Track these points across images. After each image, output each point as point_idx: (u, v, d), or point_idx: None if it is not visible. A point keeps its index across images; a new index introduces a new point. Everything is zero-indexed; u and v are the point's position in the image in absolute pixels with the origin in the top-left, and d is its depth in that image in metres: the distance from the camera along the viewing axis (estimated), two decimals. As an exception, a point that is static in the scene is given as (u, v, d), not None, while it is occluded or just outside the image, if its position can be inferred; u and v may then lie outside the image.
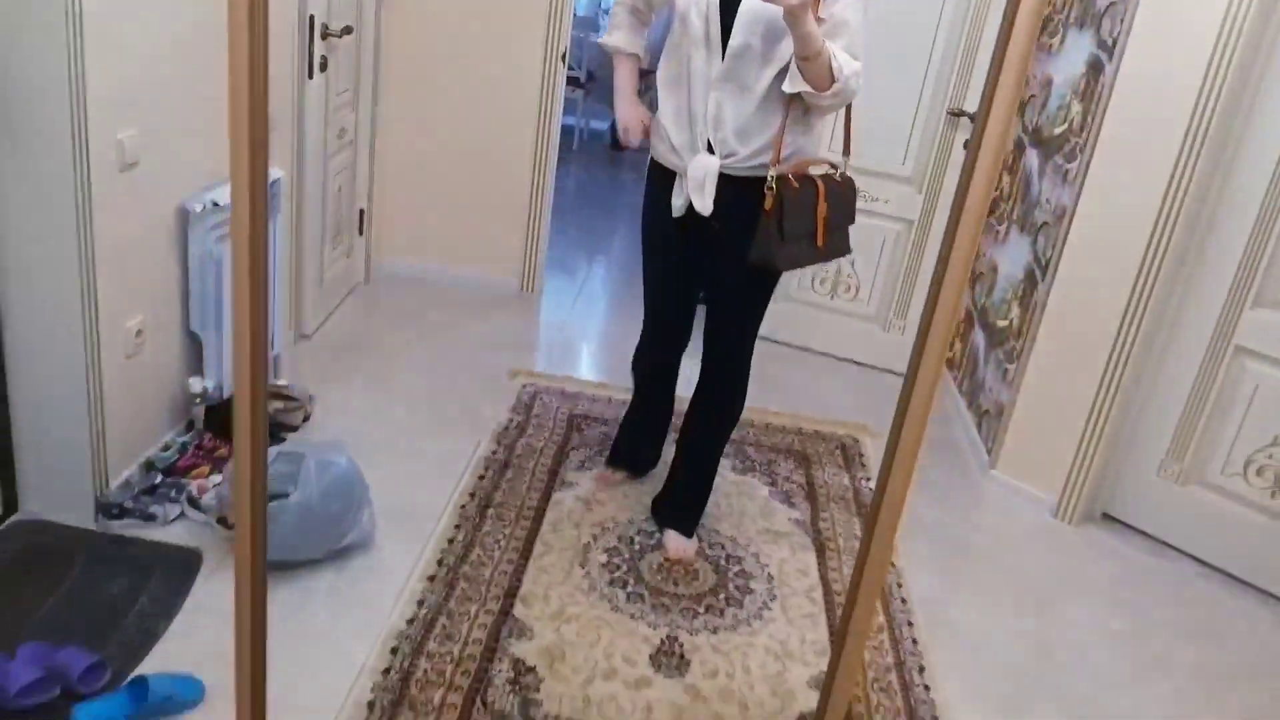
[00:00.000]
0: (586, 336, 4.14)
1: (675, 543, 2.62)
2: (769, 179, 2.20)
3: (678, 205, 2.35)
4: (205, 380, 2.64)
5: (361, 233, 3.95)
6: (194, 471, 2.54)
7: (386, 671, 2.06)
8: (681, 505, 2.68)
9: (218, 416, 2.69)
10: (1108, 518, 3.11)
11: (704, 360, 2.55)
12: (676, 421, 2.81)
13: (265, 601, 1.39)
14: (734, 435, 3.19)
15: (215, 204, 2.45)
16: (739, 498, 2.92)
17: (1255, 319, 2.75)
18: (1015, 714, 2.26)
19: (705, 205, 2.28)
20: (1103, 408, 2.96)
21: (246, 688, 1.38)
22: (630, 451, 2.92)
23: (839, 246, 2.38)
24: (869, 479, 3.13)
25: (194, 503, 2.43)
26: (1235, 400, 2.82)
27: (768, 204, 2.20)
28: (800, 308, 4.03)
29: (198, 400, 2.65)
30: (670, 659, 2.23)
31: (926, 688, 2.26)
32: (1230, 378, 2.82)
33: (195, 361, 2.66)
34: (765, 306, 2.47)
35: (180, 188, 2.47)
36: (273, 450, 2.34)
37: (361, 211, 3.92)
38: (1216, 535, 2.91)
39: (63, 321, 2.19)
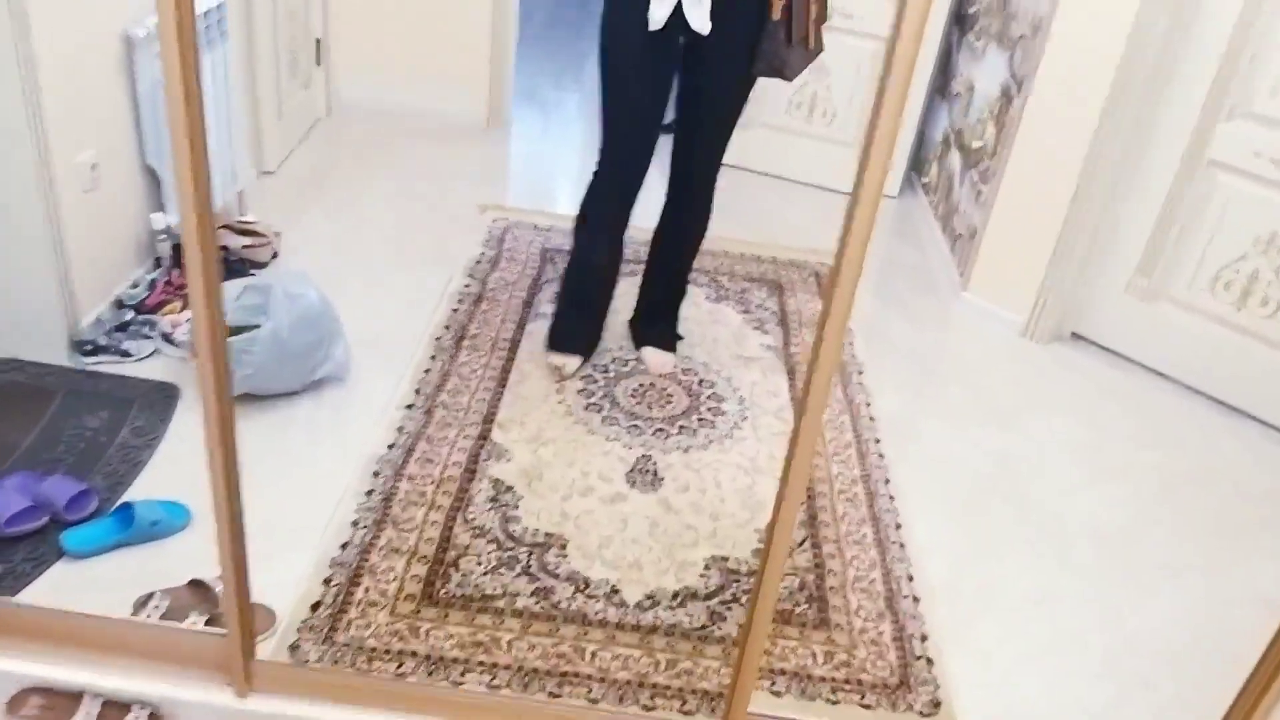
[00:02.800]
0: (557, 168, 4.07)
1: (657, 359, 2.69)
2: None
3: (657, 18, 2.16)
4: (167, 216, 2.60)
5: (319, 63, 3.81)
6: (165, 308, 2.53)
7: (369, 493, 2.12)
8: (661, 321, 2.75)
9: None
10: (1076, 336, 3.16)
11: (678, 184, 2.52)
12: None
13: (233, 418, 1.41)
14: (708, 265, 3.22)
15: (161, 28, 2.34)
16: (712, 325, 2.95)
17: (1229, 131, 2.72)
18: (974, 517, 2.36)
19: (703, 21, 2.15)
20: (1074, 227, 2.96)
21: (224, 510, 1.41)
22: (577, 330, 2.66)
23: (819, 44, 2.31)
24: (841, 303, 3.16)
25: (168, 339, 2.43)
26: (1205, 215, 2.82)
27: (777, 12, 2.14)
28: (775, 134, 3.95)
29: (161, 236, 2.61)
30: (645, 476, 2.30)
31: (891, 498, 2.35)
32: (1201, 192, 2.81)
33: (156, 197, 2.61)
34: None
35: (123, 12, 2.36)
36: (240, 283, 2.33)
37: (318, 41, 3.77)
38: (1181, 350, 2.97)
39: (11, 156, 2.13)
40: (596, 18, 2.30)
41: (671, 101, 2.42)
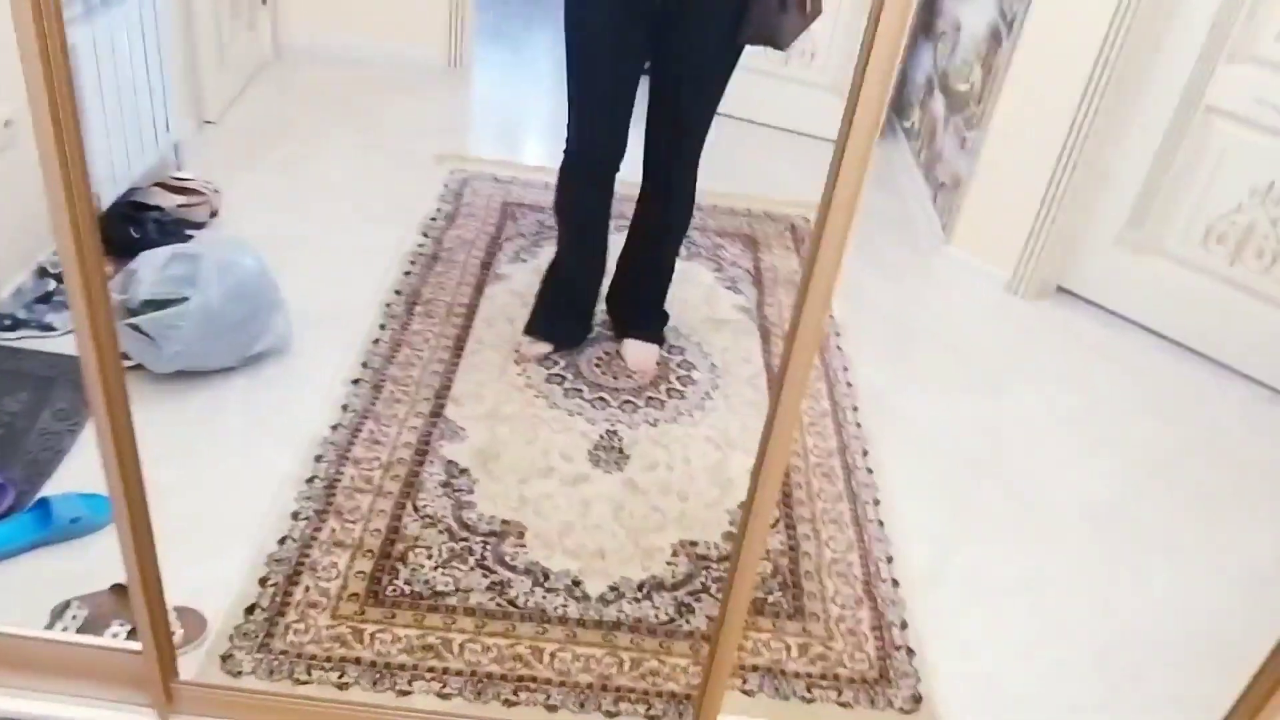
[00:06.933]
0: (523, 114, 3.85)
1: (638, 354, 2.44)
2: None
3: None
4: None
5: (264, 2, 3.57)
6: (91, 276, 2.35)
7: (311, 480, 1.97)
8: (645, 305, 2.50)
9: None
10: (1062, 291, 3.02)
11: (656, 173, 2.27)
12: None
13: (126, 399, 1.25)
14: (678, 219, 3.03)
15: (66, -28, 2.12)
16: (683, 284, 2.77)
17: (1229, 75, 2.56)
18: (958, 495, 2.24)
19: None
20: (1063, 176, 2.81)
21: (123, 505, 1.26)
22: (556, 320, 2.45)
23: (818, 6, 2.07)
24: (819, 259, 3.00)
25: (93, 310, 2.25)
26: (1201, 164, 2.67)
27: None
28: (751, 77, 3.72)
29: (87, 198, 2.42)
30: (609, 454, 2.16)
31: (869, 470, 2.23)
32: (1197, 140, 2.66)
33: (78, 155, 2.40)
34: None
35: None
36: (167, 251, 2.15)
37: (263, -22, 3.53)
38: (1173, 306, 2.84)
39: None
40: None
41: None
